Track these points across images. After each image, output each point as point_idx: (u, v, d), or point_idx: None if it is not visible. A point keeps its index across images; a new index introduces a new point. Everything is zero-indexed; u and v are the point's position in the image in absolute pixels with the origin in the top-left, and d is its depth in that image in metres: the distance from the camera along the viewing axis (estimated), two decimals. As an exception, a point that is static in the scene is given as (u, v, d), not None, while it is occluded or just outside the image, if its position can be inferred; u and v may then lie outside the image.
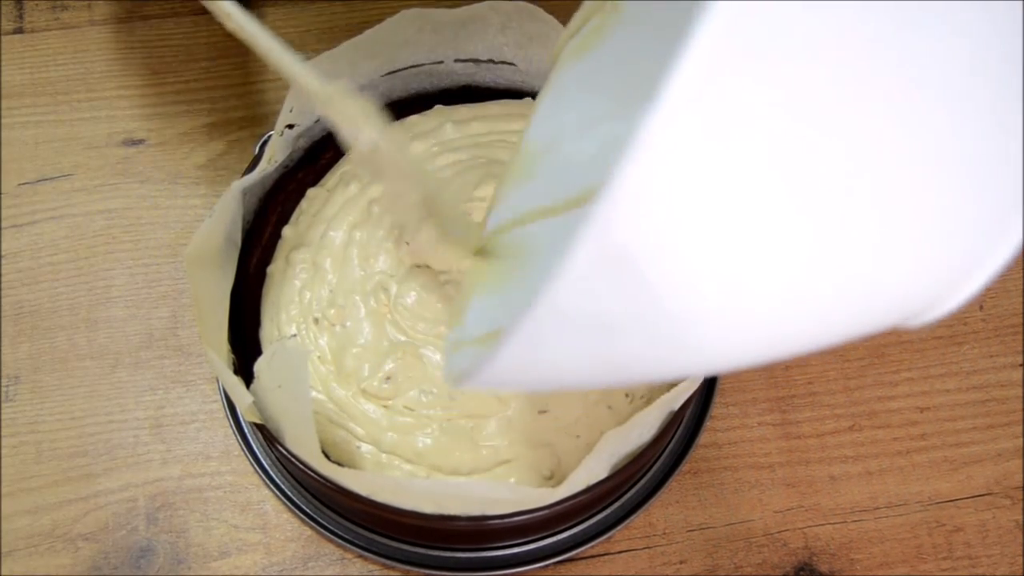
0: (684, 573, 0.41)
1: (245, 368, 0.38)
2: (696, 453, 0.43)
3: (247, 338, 0.41)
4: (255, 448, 0.42)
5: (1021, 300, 0.47)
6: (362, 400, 0.38)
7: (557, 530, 0.40)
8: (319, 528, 0.40)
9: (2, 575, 0.40)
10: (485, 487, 0.35)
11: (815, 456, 0.44)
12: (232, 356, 0.38)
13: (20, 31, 0.53)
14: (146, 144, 0.50)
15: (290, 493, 0.41)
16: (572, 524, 0.41)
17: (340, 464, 0.36)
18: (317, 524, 0.40)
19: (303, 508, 0.41)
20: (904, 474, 0.43)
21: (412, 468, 0.37)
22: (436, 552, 0.40)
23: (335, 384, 0.39)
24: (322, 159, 0.44)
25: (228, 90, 0.51)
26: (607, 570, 0.41)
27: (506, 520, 0.35)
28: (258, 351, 0.40)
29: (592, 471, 0.35)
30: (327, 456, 0.35)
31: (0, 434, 0.43)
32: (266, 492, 0.42)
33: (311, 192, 0.43)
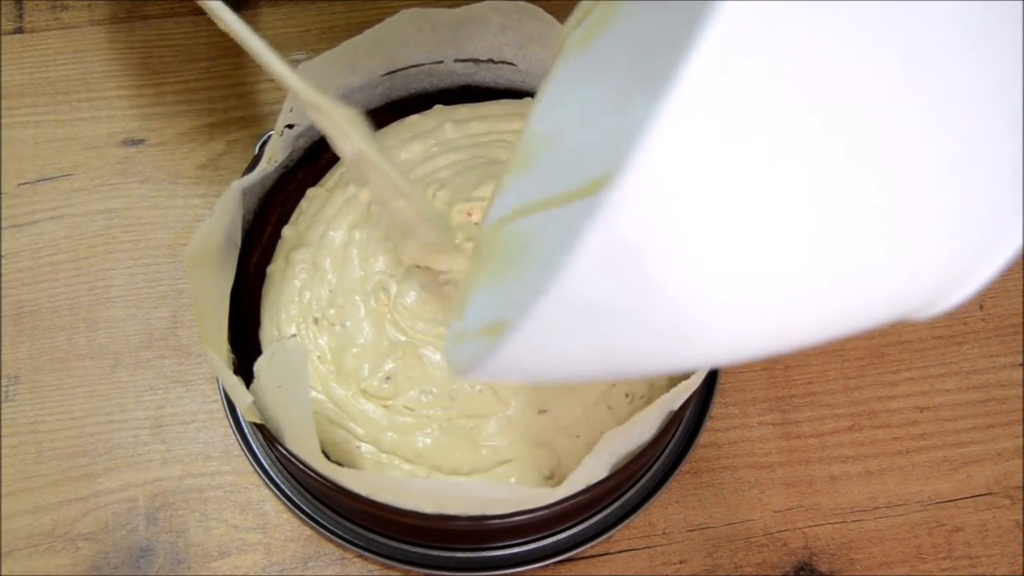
0: (684, 573, 0.41)
1: (245, 368, 0.38)
2: (696, 453, 0.43)
3: (247, 338, 0.41)
4: (255, 448, 0.42)
5: (1021, 300, 0.47)
6: (362, 400, 0.38)
7: (557, 530, 0.40)
8: (319, 528, 0.40)
9: (2, 575, 0.40)
10: (485, 487, 0.35)
11: (815, 456, 0.44)
12: (232, 356, 0.38)
13: (20, 31, 0.53)
14: (146, 144, 0.50)
15: (290, 493, 0.41)
16: (572, 524, 0.41)
17: (340, 464, 0.36)
18: (317, 524, 0.40)
19: (303, 508, 0.41)
20: (904, 474, 0.43)
21: (412, 468, 0.37)
22: (436, 552, 0.40)
23: (335, 384, 0.39)
24: (322, 159, 0.44)
25: (228, 90, 0.51)
26: (607, 570, 0.41)
27: (506, 520, 0.35)
28: (258, 351, 0.40)
29: (592, 471, 0.35)
30: (327, 456, 0.35)
31: (0, 434, 0.43)
32: (266, 492, 0.42)
33: (311, 192, 0.43)
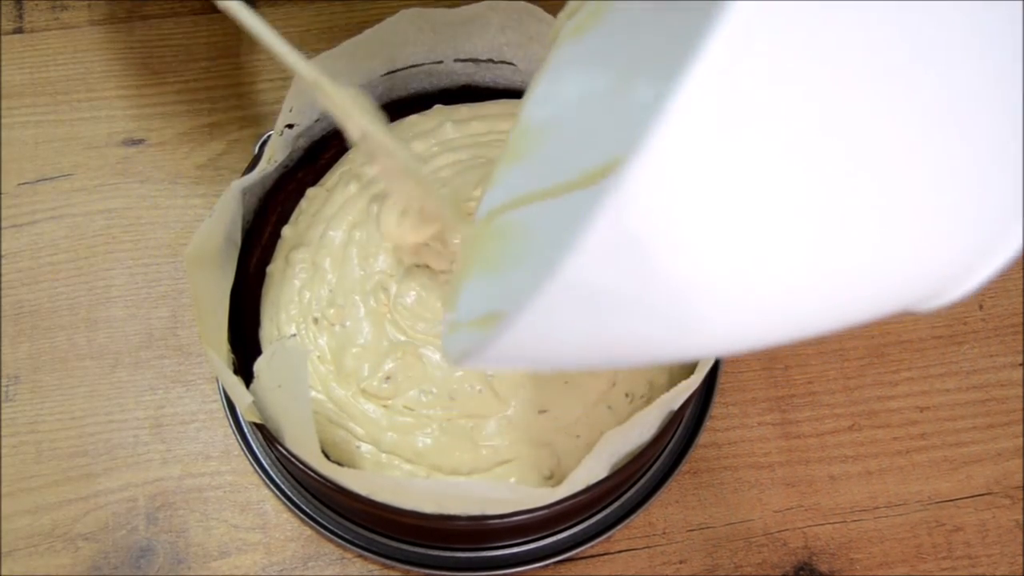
0: (684, 573, 0.41)
1: (245, 368, 0.38)
2: (696, 453, 0.43)
3: (247, 338, 0.41)
4: (255, 448, 0.42)
5: (1021, 300, 0.47)
6: (362, 400, 0.38)
7: (557, 530, 0.40)
8: (319, 528, 0.40)
9: (2, 575, 0.40)
10: (485, 487, 0.35)
11: (815, 456, 0.44)
12: (232, 356, 0.38)
13: (20, 31, 0.53)
14: (146, 144, 0.50)
15: (290, 493, 0.41)
16: (572, 524, 0.41)
17: (340, 464, 0.36)
18: (317, 524, 0.40)
19: (303, 508, 0.41)
20: (904, 474, 0.43)
21: (412, 468, 0.37)
22: (436, 552, 0.40)
23: (335, 384, 0.39)
24: (322, 159, 0.44)
25: (228, 90, 0.51)
26: (607, 570, 0.41)
27: (506, 520, 0.35)
28: (258, 351, 0.40)
29: (592, 471, 0.35)
30: (327, 456, 0.35)
31: (0, 434, 0.43)
32: (266, 492, 0.42)
33: (311, 192, 0.43)
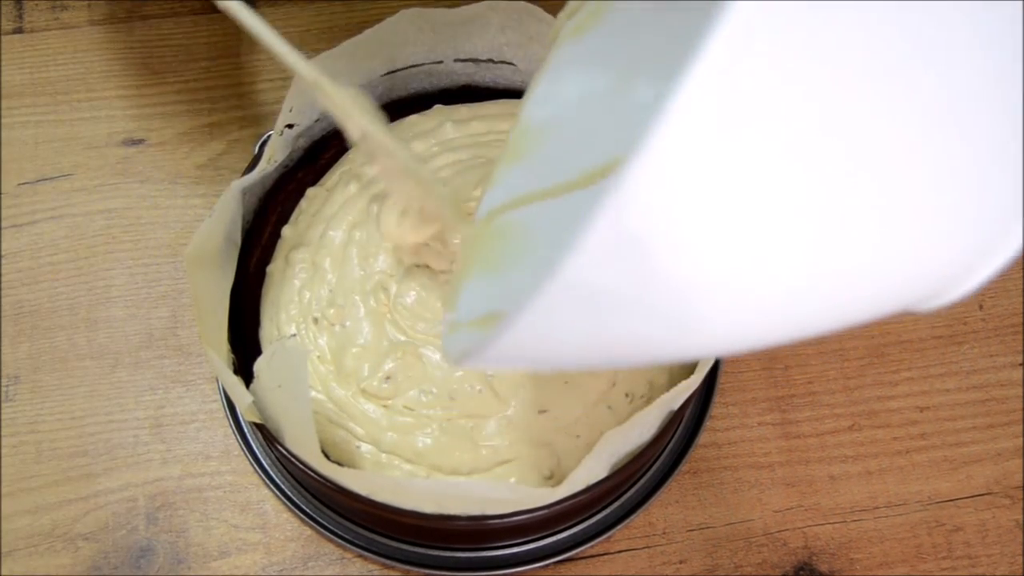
0: (684, 573, 0.41)
1: (245, 368, 0.38)
2: (696, 453, 0.43)
3: (247, 338, 0.41)
4: (255, 448, 0.42)
5: (1021, 300, 0.47)
6: (362, 400, 0.38)
7: (557, 530, 0.40)
8: (319, 528, 0.40)
9: (2, 575, 0.40)
10: (485, 487, 0.35)
11: (815, 456, 0.44)
12: (232, 356, 0.38)
13: (20, 31, 0.53)
14: (146, 144, 0.50)
15: (290, 493, 0.41)
16: (572, 524, 0.41)
17: (340, 464, 0.36)
18: (317, 524, 0.40)
19: (303, 508, 0.41)
20: (904, 474, 0.43)
21: (412, 468, 0.37)
22: (436, 552, 0.40)
23: (335, 384, 0.39)
24: (322, 159, 0.44)
25: (228, 90, 0.51)
26: (607, 570, 0.41)
27: (506, 520, 0.35)
28: (258, 351, 0.40)
29: (592, 471, 0.35)
30: (327, 456, 0.35)
31: (0, 434, 0.43)
32: (266, 492, 0.42)
33: (311, 192, 0.43)
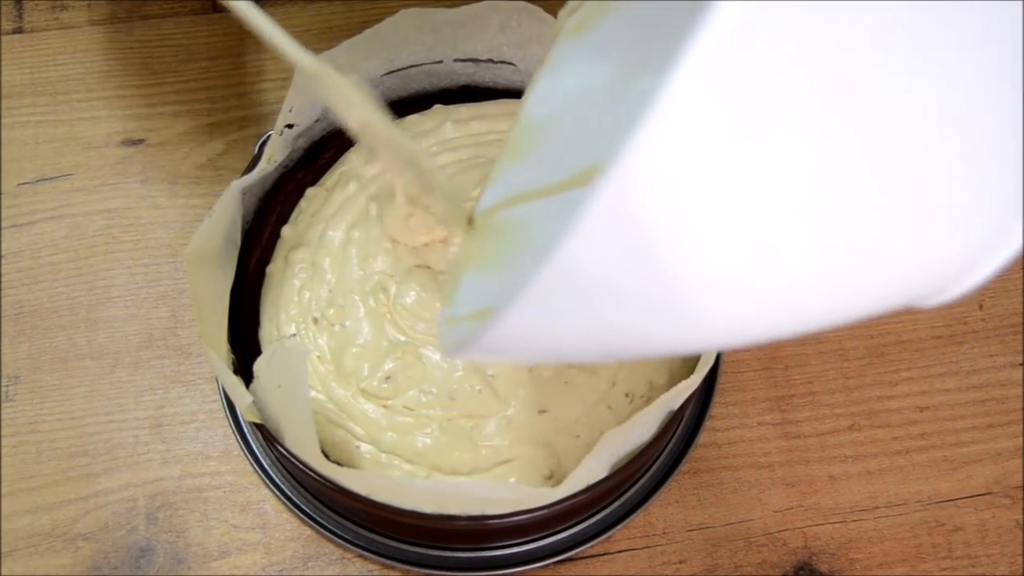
0: (684, 573, 0.41)
1: (245, 368, 0.38)
2: (696, 453, 0.43)
3: (247, 338, 0.41)
4: (255, 448, 0.42)
5: (1021, 300, 0.47)
6: (361, 400, 0.38)
7: (557, 530, 0.40)
8: (319, 528, 0.40)
9: (2, 575, 0.40)
10: (485, 487, 0.35)
11: (815, 456, 0.44)
12: (232, 356, 0.38)
13: (20, 31, 0.53)
14: (146, 144, 0.50)
15: (290, 493, 0.41)
16: (572, 524, 0.41)
17: (340, 464, 0.36)
18: (317, 524, 0.40)
19: (303, 508, 0.41)
20: (904, 474, 0.43)
21: (412, 468, 0.37)
22: (436, 552, 0.40)
23: (334, 384, 0.39)
24: (321, 159, 0.44)
25: (228, 90, 0.51)
26: (607, 570, 0.41)
27: (506, 520, 0.35)
28: (257, 351, 0.40)
29: (592, 471, 0.35)
30: (326, 456, 0.35)
31: (0, 434, 0.43)
32: (266, 492, 0.42)
33: (310, 192, 0.43)
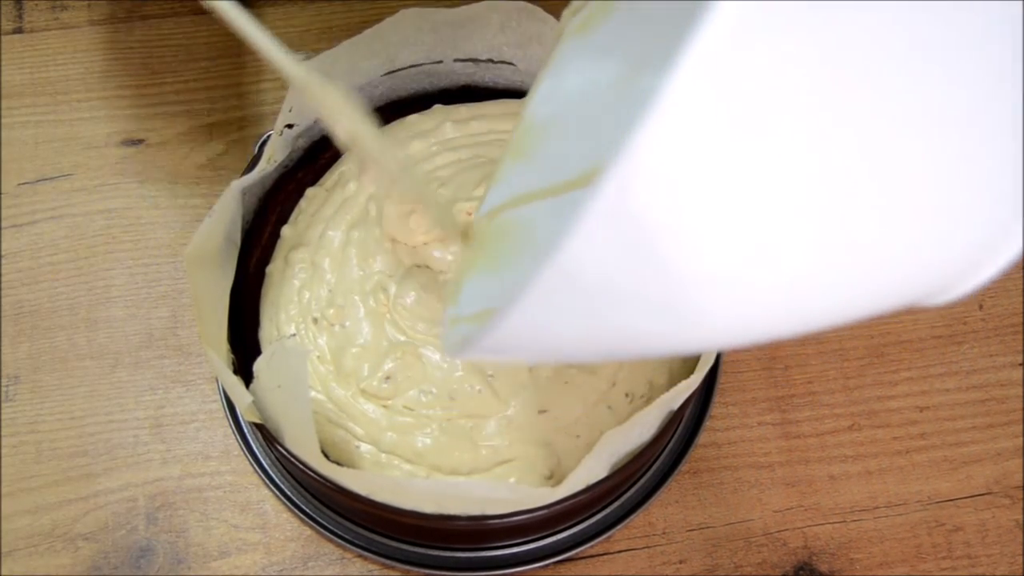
0: (684, 573, 0.41)
1: (245, 368, 0.38)
2: (696, 453, 0.43)
3: (247, 338, 0.41)
4: (255, 448, 0.42)
5: (1021, 300, 0.47)
6: (361, 400, 0.38)
7: (557, 530, 0.40)
8: (319, 528, 0.40)
9: (2, 575, 0.40)
10: (485, 487, 0.35)
11: (815, 456, 0.44)
12: (232, 356, 0.38)
13: (20, 31, 0.53)
14: (146, 144, 0.50)
15: (290, 493, 0.41)
16: (572, 524, 0.41)
17: (339, 464, 0.36)
18: (317, 524, 0.40)
19: (303, 508, 0.41)
20: (904, 474, 0.43)
21: (412, 468, 0.37)
22: (436, 552, 0.40)
23: (334, 384, 0.39)
24: (321, 159, 0.44)
25: (228, 90, 0.51)
26: (607, 570, 0.41)
27: (506, 520, 0.35)
28: (257, 351, 0.40)
29: (592, 471, 0.35)
30: (326, 456, 0.35)
31: (0, 434, 0.43)
32: (266, 492, 0.42)
33: (310, 192, 0.43)
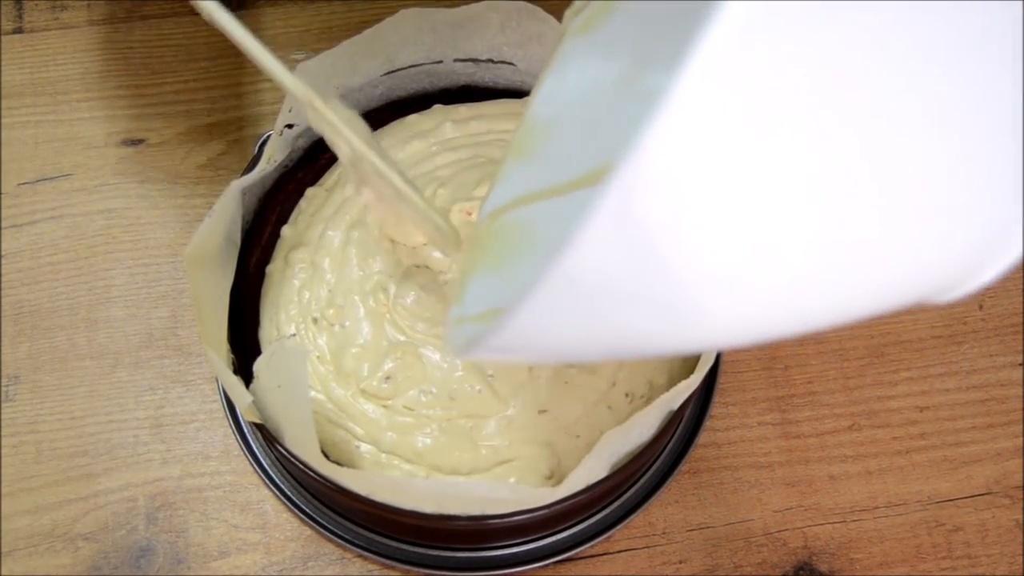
0: (684, 573, 0.41)
1: (245, 368, 0.38)
2: (695, 453, 0.43)
3: (247, 338, 0.41)
4: (255, 448, 0.42)
5: (1021, 300, 0.47)
6: (361, 400, 0.38)
7: (557, 530, 0.40)
8: (319, 528, 0.40)
9: (2, 575, 0.40)
10: (485, 487, 0.35)
11: (815, 456, 0.44)
12: (232, 356, 0.38)
13: (20, 31, 0.53)
14: (146, 144, 0.50)
15: (290, 493, 0.41)
16: (572, 524, 0.41)
17: (339, 464, 0.36)
18: (317, 524, 0.40)
19: (303, 508, 0.41)
20: (904, 474, 0.43)
21: (411, 468, 0.37)
22: (436, 552, 0.40)
23: (334, 384, 0.39)
24: (321, 159, 0.44)
25: (228, 90, 0.51)
26: (607, 570, 0.41)
27: (506, 520, 0.35)
28: (257, 351, 0.40)
29: (592, 471, 0.35)
30: (326, 456, 0.35)
31: (0, 434, 0.43)
32: (266, 492, 0.42)
33: (310, 192, 0.43)
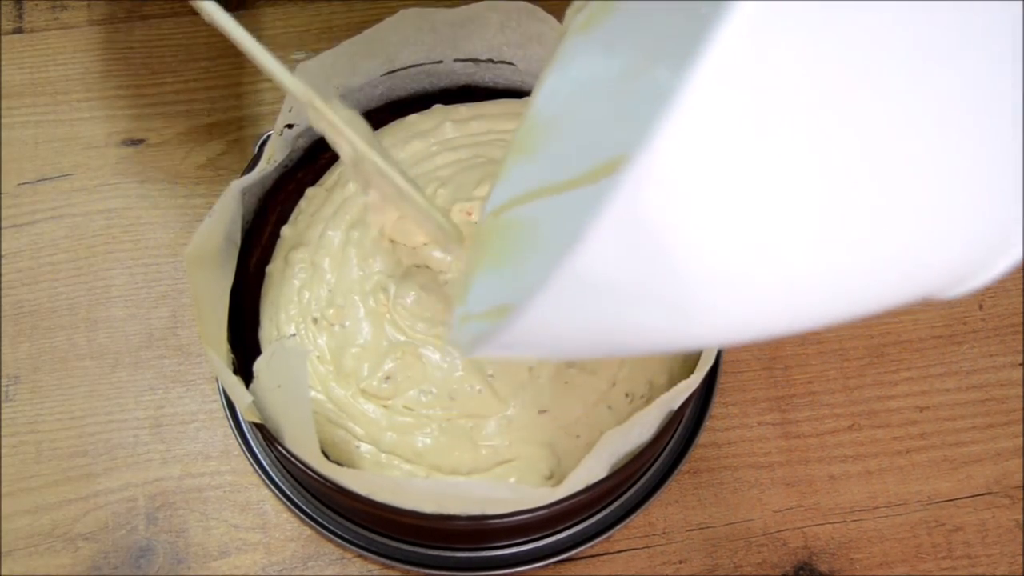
0: (684, 573, 0.41)
1: (245, 368, 0.38)
2: (695, 453, 0.43)
3: (247, 338, 0.41)
4: (255, 448, 0.42)
5: (1021, 300, 0.47)
6: (361, 400, 0.38)
7: (557, 530, 0.40)
8: (319, 528, 0.40)
9: (2, 575, 0.40)
10: (485, 487, 0.35)
11: (815, 456, 0.44)
12: (232, 356, 0.38)
13: (20, 31, 0.53)
14: (146, 144, 0.50)
15: (290, 493, 0.41)
16: (572, 524, 0.41)
17: (339, 464, 0.36)
18: (317, 524, 0.41)
19: (303, 508, 0.41)
20: (904, 474, 0.43)
21: (411, 468, 0.37)
22: (436, 552, 0.40)
23: (334, 384, 0.39)
24: (321, 159, 0.44)
25: (228, 90, 0.51)
26: (607, 570, 0.41)
27: (506, 520, 0.35)
28: (257, 351, 0.40)
29: (592, 471, 0.35)
30: (326, 456, 0.35)
31: (0, 434, 0.43)
32: (266, 492, 0.42)
33: (310, 191, 0.43)
